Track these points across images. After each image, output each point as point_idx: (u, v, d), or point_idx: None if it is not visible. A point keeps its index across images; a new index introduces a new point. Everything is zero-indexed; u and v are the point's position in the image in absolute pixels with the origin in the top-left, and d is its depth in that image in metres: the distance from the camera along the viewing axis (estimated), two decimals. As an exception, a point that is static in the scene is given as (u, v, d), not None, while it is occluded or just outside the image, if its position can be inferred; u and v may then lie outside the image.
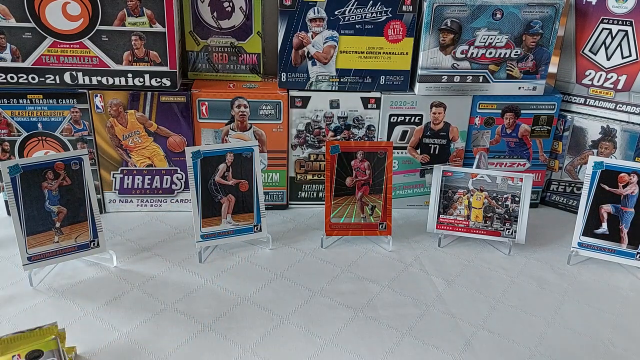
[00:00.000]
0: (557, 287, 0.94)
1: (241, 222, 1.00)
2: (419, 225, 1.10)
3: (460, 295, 0.91)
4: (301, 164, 1.13)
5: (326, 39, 1.04)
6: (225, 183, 0.98)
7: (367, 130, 1.10)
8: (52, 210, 0.90)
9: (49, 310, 0.83)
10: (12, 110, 1.01)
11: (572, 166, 1.17)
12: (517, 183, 1.02)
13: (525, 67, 1.07)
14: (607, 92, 1.10)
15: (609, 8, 1.06)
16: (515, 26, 1.03)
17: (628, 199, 0.97)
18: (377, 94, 1.08)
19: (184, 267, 0.95)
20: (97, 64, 1.00)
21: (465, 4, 1.01)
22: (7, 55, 0.98)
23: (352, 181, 1.02)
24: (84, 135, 1.05)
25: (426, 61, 1.05)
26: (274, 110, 1.07)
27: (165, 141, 1.07)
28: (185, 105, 1.04)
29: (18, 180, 0.86)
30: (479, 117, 1.12)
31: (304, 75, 1.06)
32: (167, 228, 1.07)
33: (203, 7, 1.06)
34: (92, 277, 0.91)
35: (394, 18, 1.03)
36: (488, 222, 1.03)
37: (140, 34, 0.98)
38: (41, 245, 0.89)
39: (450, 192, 1.04)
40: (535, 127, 1.13)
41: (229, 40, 1.09)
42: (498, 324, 0.84)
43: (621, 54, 1.07)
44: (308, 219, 1.13)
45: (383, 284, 0.93)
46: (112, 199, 1.11)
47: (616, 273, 0.99)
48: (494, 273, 0.97)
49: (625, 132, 1.09)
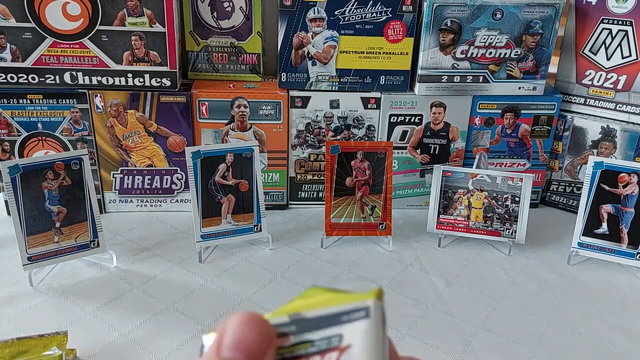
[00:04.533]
0: (557, 287, 0.94)
1: (241, 222, 1.00)
2: (419, 225, 1.10)
3: (460, 295, 0.91)
4: (301, 164, 1.13)
5: (326, 39, 1.04)
6: (225, 183, 0.98)
7: (367, 130, 1.10)
8: (52, 210, 0.90)
9: (49, 310, 0.83)
10: (12, 110, 1.01)
11: (572, 166, 1.17)
12: (517, 183, 1.02)
13: (525, 67, 1.07)
14: (607, 92, 1.10)
15: (609, 8, 1.06)
16: (515, 26, 1.03)
17: (628, 199, 0.97)
18: (377, 94, 1.08)
19: (184, 267, 0.95)
20: (97, 64, 1.00)
21: (465, 4, 1.01)
22: (7, 55, 0.98)
23: (352, 181, 1.02)
24: (84, 135, 1.05)
25: (426, 61, 1.05)
26: (274, 110, 1.07)
27: (165, 141, 1.07)
28: (185, 105, 1.04)
29: (18, 180, 0.86)
30: (479, 117, 1.12)
31: (304, 75, 1.06)
32: (167, 228, 1.07)
33: (203, 7, 1.06)
34: (92, 277, 0.91)
35: (394, 18, 1.03)
36: (488, 222, 1.03)
37: (140, 34, 0.98)
38: (41, 245, 0.89)
39: (450, 192, 1.04)
40: (535, 127, 1.13)
41: (229, 40, 1.09)
42: (498, 324, 0.84)
43: (621, 54, 1.07)
44: (308, 219, 1.13)
45: (383, 284, 0.93)
46: (112, 199, 1.11)
47: (616, 273, 0.99)
48: (494, 273, 0.97)
49: (625, 132, 1.09)
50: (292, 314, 0.23)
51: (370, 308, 0.22)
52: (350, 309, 0.22)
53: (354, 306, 0.22)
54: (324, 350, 0.21)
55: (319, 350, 0.22)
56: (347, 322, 0.22)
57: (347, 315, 0.22)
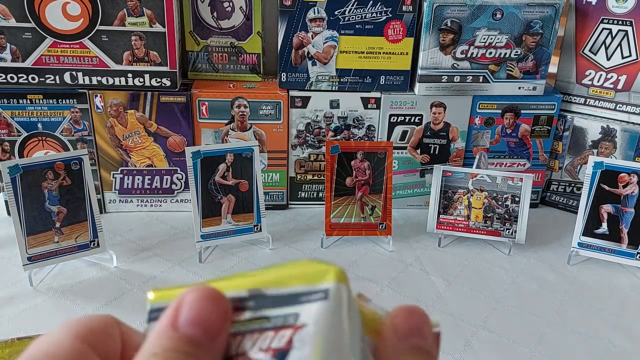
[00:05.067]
0: (557, 287, 0.94)
1: (241, 222, 1.00)
2: (419, 225, 1.10)
3: (460, 295, 0.91)
4: (301, 164, 1.13)
5: (326, 39, 1.04)
6: (225, 183, 0.98)
7: (367, 130, 1.10)
8: (52, 210, 0.90)
9: (49, 310, 0.83)
10: (12, 111, 1.01)
11: (572, 166, 1.17)
12: (517, 183, 1.02)
13: (525, 67, 1.07)
14: (607, 92, 1.10)
15: (609, 8, 1.06)
16: (515, 26, 1.03)
17: (628, 199, 0.97)
18: (377, 94, 1.08)
19: (184, 267, 0.95)
20: (97, 64, 1.00)
21: (465, 4, 1.01)
22: (7, 55, 0.98)
23: (352, 181, 1.02)
24: (84, 135, 1.05)
25: (426, 61, 1.05)
26: (274, 110, 1.07)
27: (165, 141, 1.07)
28: (185, 105, 1.04)
29: (18, 180, 0.86)
30: (479, 117, 1.12)
31: (304, 75, 1.06)
32: (167, 228, 1.07)
33: (203, 7, 1.06)
34: (92, 277, 0.92)
35: (394, 18, 1.03)
36: (488, 222, 1.03)
37: (140, 34, 0.98)
38: (41, 245, 0.89)
39: (450, 192, 1.04)
40: (535, 127, 1.13)
41: (229, 40, 1.09)
42: (498, 324, 0.84)
43: (621, 54, 1.07)
44: (308, 219, 1.13)
45: (383, 284, 0.93)
46: (112, 199, 1.11)
47: (616, 273, 0.99)
48: (494, 273, 0.97)
49: (625, 132, 1.09)
50: (251, 289, 0.23)
51: (329, 290, 0.22)
52: (309, 290, 0.22)
53: (314, 288, 0.22)
54: (279, 327, 0.22)
55: (273, 326, 0.22)
56: (306, 302, 0.22)
57: (306, 296, 0.22)
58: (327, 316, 0.21)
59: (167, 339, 0.21)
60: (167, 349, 0.21)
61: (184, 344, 0.21)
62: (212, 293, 0.22)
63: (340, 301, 0.22)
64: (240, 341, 0.22)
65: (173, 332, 0.21)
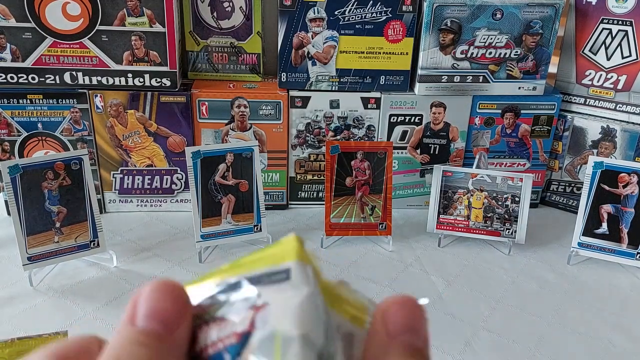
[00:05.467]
0: (557, 287, 0.94)
1: (241, 222, 1.00)
2: (419, 225, 1.10)
3: (460, 295, 0.91)
4: (301, 164, 1.13)
5: (326, 39, 1.04)
6: (225, 183, 0.98)
7: (367, 130, 1.10)
8: (52, 210, 0.90)
9: (49, 310, 0.83)
10: (12, 110, 1.01)
11: (572, 166, 1.17)
12: (517, 183, 1.02)
13: (525, 67, 1.07)
14: (607, 92, 1.10)
15: (609, 8, 1.06)
16: (515, 26, 1.03)
17: (628, 199, 0.97)
18: (377, 94, 1.08)
19: (184, 267, 0.95)
20: (97, 64, 1.00)
21: (465, 4, 1.01)
22: (7, 55, 0.98)
23: (352, 181, 1.02)
24: (84, 135, 1.05)
25: (426, 61, 1.05)
26: (274, 110, 1.07)
27: (165, 141, 1.07)
28: (185, 105, 1.04)
29: (18, 180, 0.86)
30: (479, 117, 1.12)
31: (304, 75, 1.06)
32: (167, 228, 1.07)
33: (203, 7, 1.06)
34: (92, 277, 0.92)
35: (394, 18, 1.03)
36: (488, 222, 1.03)
37: (140, 34, 0.99)
38: (41, 245, 0.89)
39: (450, 192, 1.04)
40: (535, 127, 1.13)
41: (229, 40, 1.09)
42: (498, 324, 0.84)
43: (621, 54, 1.07)
44: (308, 219, 1.13)
45: (383, 284, 0.93)
46: (112, 199, 1.11)
47: (616, 273, 0.99)
48: (494, 273, 0.97)
49: (625, 132, 1.09)
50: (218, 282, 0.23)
51: (290, 270, 0.22)
52: (273, 271, 0.22)
53: (277, 268, 0.22)
54: (242, 310, 0.22)
55: (237, 311, 0.22)
56: (268, 283, 0.22)
57: (268, 277, 0.22)
58: (287, 294, 0.21)
59: (125, 334, 0.21)
60: (124, 344, 0.21)
61: (142, 337, 0.21)
62: (167, 285, 0.22)
63: (301, 279, 0.22)
64: (207, 332, 0.22)
65: (130, 327, 0.22)
